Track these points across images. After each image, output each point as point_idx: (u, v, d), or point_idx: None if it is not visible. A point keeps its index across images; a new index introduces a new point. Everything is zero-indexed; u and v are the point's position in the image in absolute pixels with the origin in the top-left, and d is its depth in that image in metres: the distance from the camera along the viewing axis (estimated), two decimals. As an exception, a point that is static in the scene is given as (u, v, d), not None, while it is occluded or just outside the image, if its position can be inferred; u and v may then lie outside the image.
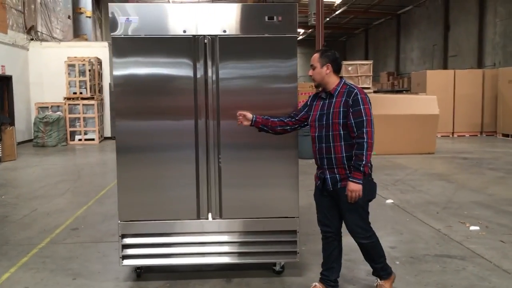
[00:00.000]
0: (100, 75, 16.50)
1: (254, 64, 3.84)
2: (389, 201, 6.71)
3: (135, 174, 3.88)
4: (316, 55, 3.49)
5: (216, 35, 3.78)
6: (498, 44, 21.82)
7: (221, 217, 3.92)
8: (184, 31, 3.78)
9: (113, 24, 3.75)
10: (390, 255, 4.52)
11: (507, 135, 15.47)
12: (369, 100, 3.36)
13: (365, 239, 3.44)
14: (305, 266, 4.24)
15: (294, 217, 3.96)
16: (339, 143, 3.37)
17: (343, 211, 3.46)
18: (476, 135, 16.32)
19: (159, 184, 3.89)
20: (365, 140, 3.24)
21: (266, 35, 3.80)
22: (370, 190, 3.38)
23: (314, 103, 3.58)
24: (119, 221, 3.91)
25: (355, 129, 3.28)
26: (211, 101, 3.83)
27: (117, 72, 3.80)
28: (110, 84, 16.67)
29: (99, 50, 16.71)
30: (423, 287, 3.85)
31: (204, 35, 3.78)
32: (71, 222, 5.95)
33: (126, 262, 3.94)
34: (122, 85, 3.81)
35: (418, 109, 12.13)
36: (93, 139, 15.60)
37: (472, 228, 5.43)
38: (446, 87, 16.27)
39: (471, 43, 23.86)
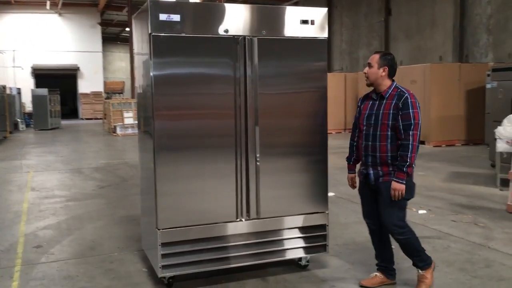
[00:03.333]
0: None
1: (289, 64, 3.96)
2: (331, 194, 7.23)
3: (174, 176, 3.71)
4: (376, 56, 3.63)
5: (255, 36, 3.81)
6: (345, 50, 24.32)
7: (258, 216, 3.95)
8: (226, 31, 3.73)
9: (153, 22, 3.54)
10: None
11: (367, 132, 17.39)
12: (418, 104, 3.55)
13: (400, 235, 3.62)
14: (324, 258, 4.45)
15: (324, 212, 4.17)
16: (385, 143, 3.57)
17: (381, 206, 3.65)
18: (341, 132, 18.05)
19: (199, 186, 3.77)
20: (410, 143, 3.45)
21: (300, 37, 3.95)
22: (410, 190, 3.58)
23: (364, 102, 3.80)
24: (157, 229, 3.68)
25: (402, 131, 3.48)
26: (250, 100, 3.84)
27: (157, 72, 3.59)
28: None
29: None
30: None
31: (244, 36, 3.78)
32: (25, 240, 5.26)
33: (165, 272, 3.74)
34: (162, 85, 3.62)
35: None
36: None
37: (420, 211, 6.20)
38: (314, 89, 17.68)
39: (320, 49, 26.09)
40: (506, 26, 15.06)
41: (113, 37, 38.81)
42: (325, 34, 4.03)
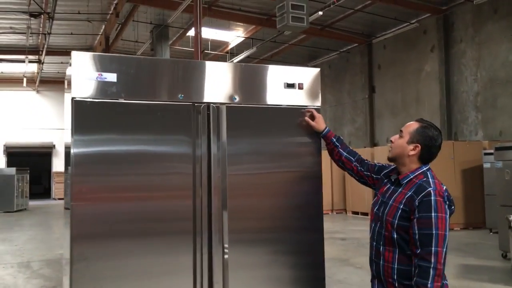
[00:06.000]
0: None
1: (270, 140, 2.91)
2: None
3: (107, 275, 2.52)
4: (413, 125, 2.51)
5: (223, 103, 2.78)
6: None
7: None
8: (181, 97, 2.70)
9: (78, 82, 2.50)
10: None
11: (356, 213, 16.26)
12: (447, 206, 2.36)
13: None
14: None
15: None
16: (391, 249, 2.41)
17: None
18: (328, 213, 16.86)
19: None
20: (432, 266, 2.23)
21: (285, 105, 2.93)
22: None
23: (385, 181, 2.64)
24: None
25: (418, 244, 2.28)
26: (216, 180, 2.74)
27: (79, 149, 2.50)
28: None
29: None
30: None
31: (207, 103, 2.75)
32: None
33: None
34: (84, 163, 2.51)
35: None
36: None
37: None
38: (298, 167, 16.75)
39: (304, 127, 25.58)
40: (494, 103, 14.55)
41: (93, 115, 38.14)
42: (317, 102, 3.03)
